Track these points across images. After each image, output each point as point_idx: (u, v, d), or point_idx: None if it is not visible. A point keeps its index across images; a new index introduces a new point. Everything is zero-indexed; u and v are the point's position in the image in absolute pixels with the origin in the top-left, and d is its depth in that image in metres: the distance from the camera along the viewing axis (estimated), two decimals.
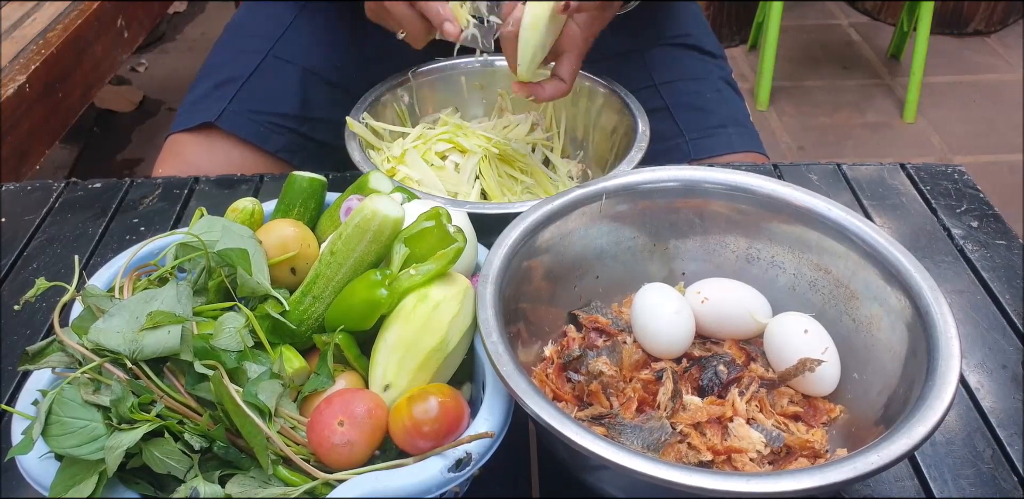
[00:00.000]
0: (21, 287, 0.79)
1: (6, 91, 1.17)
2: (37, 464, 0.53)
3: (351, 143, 0.86)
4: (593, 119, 0.97)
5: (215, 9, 2.95)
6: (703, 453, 0.59)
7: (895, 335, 0.61)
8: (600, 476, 0.57)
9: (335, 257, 0.61)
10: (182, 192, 0.91)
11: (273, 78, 1.02)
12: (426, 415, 0.53)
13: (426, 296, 0.59)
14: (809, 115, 2.43)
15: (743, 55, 2.72)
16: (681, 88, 1.03)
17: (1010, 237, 0.85)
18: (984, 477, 0.63)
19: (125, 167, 2.23)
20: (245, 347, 0.58)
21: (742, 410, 0.61)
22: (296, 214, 0.72)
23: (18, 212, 0.89)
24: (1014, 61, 2.62)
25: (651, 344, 0.66)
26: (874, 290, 0.63)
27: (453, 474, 0.52)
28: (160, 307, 0.56)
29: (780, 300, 0.68)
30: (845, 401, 0.63)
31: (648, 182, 0.69)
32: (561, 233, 0.67)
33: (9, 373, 0.71)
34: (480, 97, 1.01)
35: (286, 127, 1.01)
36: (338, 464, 0.53)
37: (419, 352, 0.58)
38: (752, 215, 0.69)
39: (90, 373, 0.54)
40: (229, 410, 0.53)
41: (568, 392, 0.64)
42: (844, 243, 0.65)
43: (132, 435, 0.51)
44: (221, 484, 0.53)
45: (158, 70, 2.64)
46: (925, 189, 0.91)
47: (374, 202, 0.61)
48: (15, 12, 1.37)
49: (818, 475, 0.48)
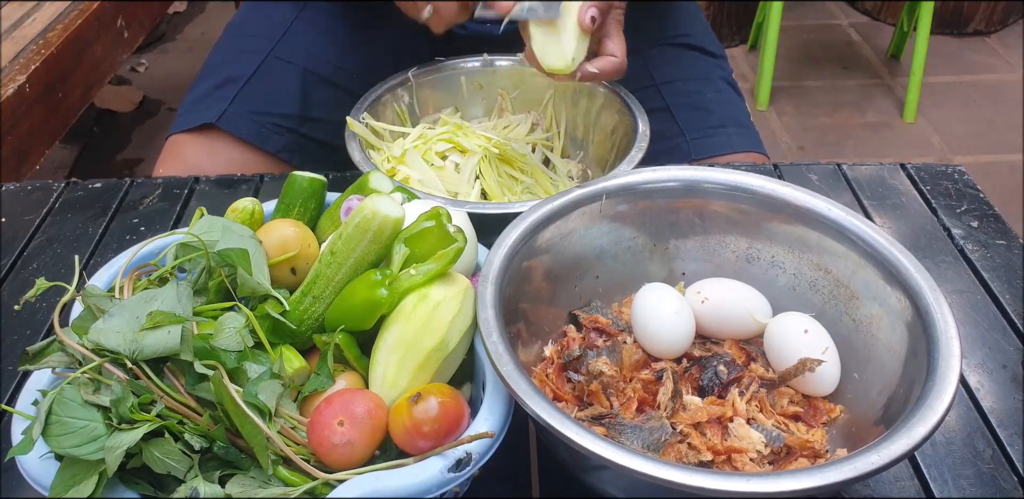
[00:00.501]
0: (21, 287, 0.79)
1: (6, 91, 1.17)
2: (37, 464, 0.53)
3: (351, 143, 0.86)
4: (593, 119, 0.97)
5: (215, 9, 2.95)
6: (703, 453, 0.59)
7: (895, 335, 0.61)
8: (600, 476, 0.57)
9: (335, 257, 0.61)
10: (182, 192, 0.91)
11: (273, 78, 1.03)
12: (426, 415, 0.53)
13: (426, 296, 0.59)
14: (809, 115, 2.43)
15: (743, 55, 2.72)
16: (681, 88, 1.03)
17: (1010, 237, 0.85)
18: (984, 477, 0.63)
19: (125, 167, 2.23)
20: (245, 347, 0.58)
21: (742, 410, 0.61)
22: (296, 214, 0.72)
23: (18, 212, 0.89)
24: (1014, 61, 2.62)
25: (651, 344, 0.66)
26: (874, 290, 0.63)
27: (453, 474, 0.52)
28: (160, 307, 0.56)
29: (780, 300, 0.68)
30: (845, 401, 0.63)
31: (648, 182, 0.69)
32: (561, 233, 0.67)
33: (9, 373, 0.71)
34: (480, 97, 1.01)
35: (286, 127, 1.01)
36: (338, 464, 0.53)
37: (419, 352, 0.58)
38: (752, 215, 0.69)
39: (90, 373, 0.54)
40: (229, 410, 0.53)
41: (568, 392, 0.64)
42: (844, 243, 0.65)
43: (132, 435, 0.51)
44: (221, 484, 0.53)
45: (158, 70, 2.64)
46: (925, 189, 0.91)
47: (374, 202, 0.61)
48: (15, 12, 1.37)
49: (818, 475, 0.48)
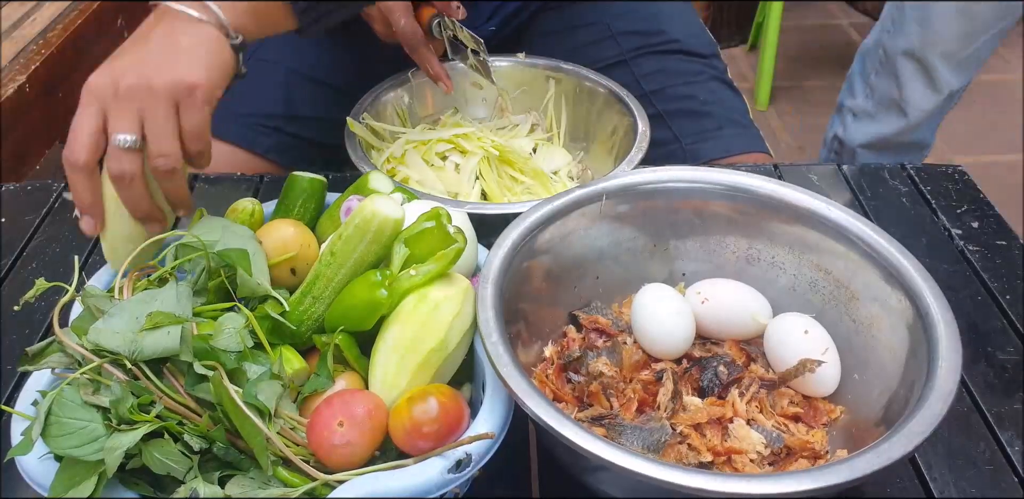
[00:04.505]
0: (21, 287, 0.79)
1: (6, 91, 1.17)
2: (37, 465, 0.53)
3: (351, 143, 0.86)
4: (593, 119, 0.97)
5: None
6: (703, 454, 0.59)
7: (895, 336, 0.61)
8: (600, 477, 0.57)
9: (335, 257, 0.61)
10: None
11: (258, 80, 1.02)
12: (426, 416, 0.53)
13: (426, 297, 0.59)
14: (809, 115, 2.43)
15: (743, 55, 2.72)
16: (671, 94, 1.02)
17: (1010, 237, 0.85)
18: (984, 477, 0.63)
19: None
20: (245, 348, 0.58)
21: (742, 411, 0.61)
22: (296, 214, 0.72)
23: (18, 212, 0.89)
24: (1014, 61, 2.62)
25: (651, 345, 0.66)
26: (874, 291, 0.63)
27: (453, 475, 0.52)
28: (160, 308, 0.56)
29: (780, 301, 0.68)
30: (845, 402, 0.63)
31: (648, 182, 0.69)
32: (561, 233, 0.67)
33: (9, 373, 0.71)
34: (480, 97, 1.01)
35: (273, 127, 1.01)
36: (338, 465, 0.53)
37: (419, 352, 0.58)
38: (752, 215, 0.69)
39: (90, 374, 0.54)
40: (229, 411, 0.53)
41: (568, 393, 0.64)
42: (844, 243, 0.65)
43: (132, 436, 0.51)
44: (221, 485, 0.53)
45: None
46: (925, 189, 0.91)
47: (374, 202, 0.61)
48: (15, 12, 1.36)
49: (818, 476, 0.48)
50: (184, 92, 0.61)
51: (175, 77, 0.61)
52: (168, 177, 0.63)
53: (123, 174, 0.61)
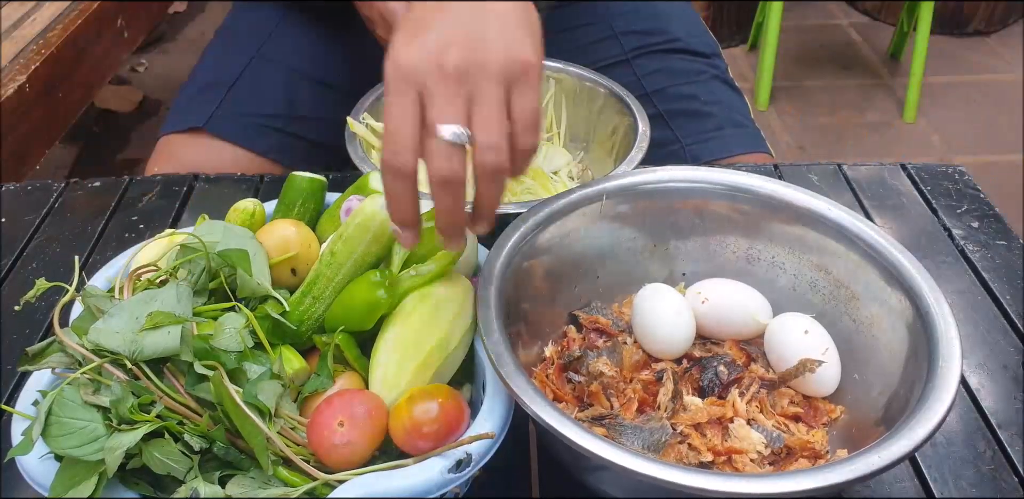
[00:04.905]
0: (21, 287, 0.79)
1: (6, 91, 1.17)
2: (37, 464, 0.53)
3: (351, 143, 0.86)
4: (593, 119, 0.97)
5: (215, 9, 2.94)
6: (703, 454, 0.59)
7: (896, 336, 0.61)
8: (600, 477, 0.57)
9: (335, 257, 0.61)
10: (181, 189, 0.91)
11: (260, 79, 1.03)
12: (426, 416, 0.53)
13: (426, 296, 0.59)
14: (809, 115, 2.43)
15: (743, 55, 2.72)
16: (673, 94, 1.02)
17: (1010, 237, 0.85)
18: (984, 477, 0.63)
19: (125, 167, 2.23)
20: (245, 348, 0.58)
21: (742, 411, 0.61)
22: (296, 214, 0.72)
23: (18, 212, 0.89)
24: (1014, 61, 2.62)
25: (651, 345, 0.66)
26: (874, 291, 0.63)
27: (453, 475, 0.52)
28: (160, 308, 0.56)
29: (780, 301, 0.68)
30: (846, 402, 0.63)
31: (648, 182, 0.69)
32: (561, 233, 0.67)
33: (9, 373, 0.71)
34: None
35: (274, 127, 1.01)
36: (338, 465, 0.53)
37: (419, 352, 0.58)
38: (752, 215, 0.69)
39: (90, 374, 0.54)
40: (229, 411, 0.53)
41: (568, 393, 0.64)
42: (844, 243, 0.65)
43: (132, 436, 0.51)
44: (221, 485, 0.53)
45: (158, 70, 2.64)
46: (925, 189, 0.91)
47: (375, 202, 0.61)
48: (15, 12, 1.36)
49: (818, 476, 0.48)
50: (519, 72, 0.50)
51: (510, 54, 0.50)
52: (494, 178, 0.51)
53: (452, 177, 0.50)
